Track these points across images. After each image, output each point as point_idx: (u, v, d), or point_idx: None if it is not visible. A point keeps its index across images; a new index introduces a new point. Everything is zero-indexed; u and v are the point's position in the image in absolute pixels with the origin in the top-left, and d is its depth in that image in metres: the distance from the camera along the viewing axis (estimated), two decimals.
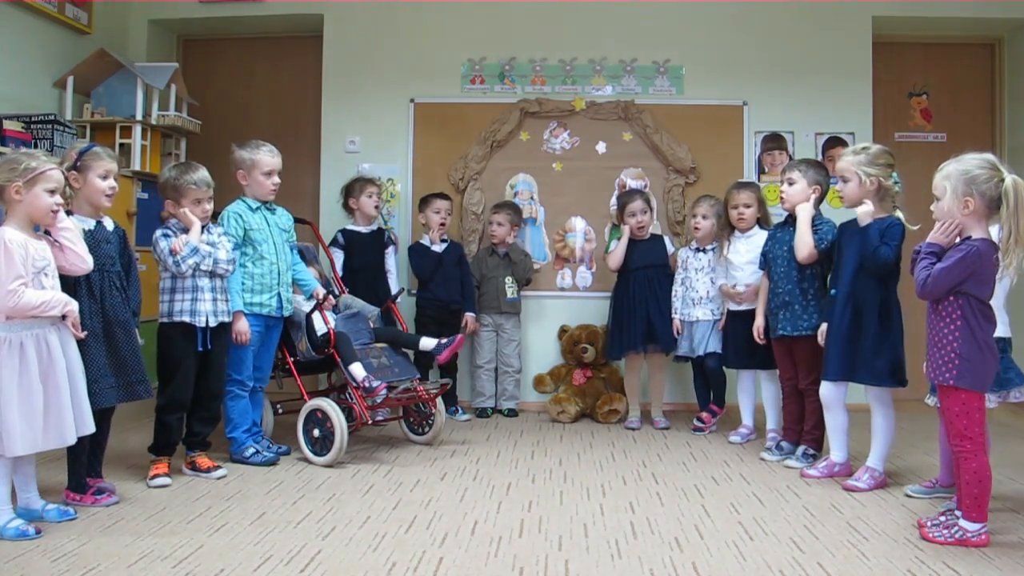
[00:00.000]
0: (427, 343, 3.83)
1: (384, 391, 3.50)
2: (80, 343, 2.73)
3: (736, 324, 3.96)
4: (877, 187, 3.16)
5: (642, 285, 4.38)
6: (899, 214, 3.18)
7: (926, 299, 2.60)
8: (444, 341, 3.79)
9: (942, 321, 2.55)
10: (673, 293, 4.33)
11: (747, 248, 3.94)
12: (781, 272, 3.58)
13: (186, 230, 3.24)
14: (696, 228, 4.23)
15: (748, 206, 3.92)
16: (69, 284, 2.74)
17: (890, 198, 3.19)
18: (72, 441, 2.61)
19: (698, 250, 4.27)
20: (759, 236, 3.89)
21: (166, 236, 3.22)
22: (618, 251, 4.42)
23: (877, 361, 3.13)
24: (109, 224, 3.00)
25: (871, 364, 3.14)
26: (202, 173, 3.29)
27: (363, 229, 4.50)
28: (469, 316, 4.56)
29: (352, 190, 4.51)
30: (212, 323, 3.24)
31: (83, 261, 2.72)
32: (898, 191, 3.21)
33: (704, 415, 4.27)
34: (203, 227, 3.30)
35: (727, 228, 4.02)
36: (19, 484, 2.67)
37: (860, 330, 3.16)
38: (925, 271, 2.56)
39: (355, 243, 4.46)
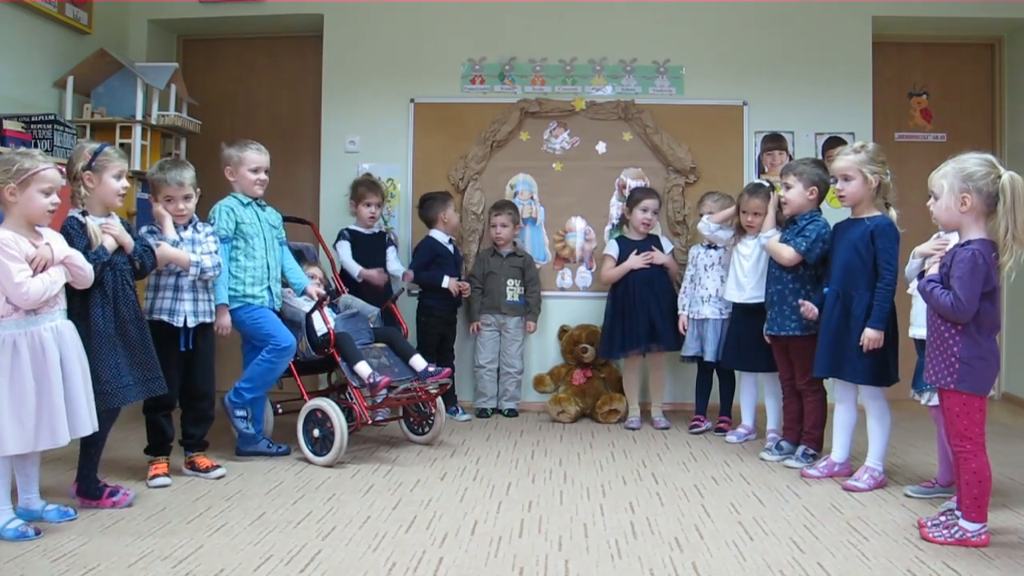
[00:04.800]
0: (418, 362, 3.76)
1: (384, 390, 3.50)
2: (94, 343, 2.73)
3: (739, 326, 3.93)
4: (878, 185, 3.19)
5: (642, 285, 4.38)
6: (892, 213, 3.21)
7: (967, 317, 2.45)
8: (433, 370, 3.72)
9: (943, 324, 2.54)
10: (681, 290, 4.34)
11: (755, 245, 3.84)
12: (772, 273, 3.61)
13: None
14: None
15: (757, 214, 3.80)
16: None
17: (882, 196, 3.23)
18: (64, 442, 2.55)
19: (708, 247, 4.27)
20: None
21: (151, 232, 3.21)
22: (617, 271, 4.42)
23: (862, 358, 3.15)
24: (118, 221, 3.00)
25: (855, 362, 3.16)
26: (179, 171, 3.24)
27: (365, 231, 4.53)
28: (464, 284, 4.57)
29: (355, 194, 4.53)
30: (192, 323, 3.22)
31: (84, 280, 2.70)
32: (892, 189, 3.24)
33: (699, 417, 4.28)
34: (188, 225, 3.28)
35: (739, 230, 3.92)
36: (21, 484, 2.66)
37: (848, 328, 3.19)
38: (946, 295, 2.47)
39: (357, 243, 4.48)
